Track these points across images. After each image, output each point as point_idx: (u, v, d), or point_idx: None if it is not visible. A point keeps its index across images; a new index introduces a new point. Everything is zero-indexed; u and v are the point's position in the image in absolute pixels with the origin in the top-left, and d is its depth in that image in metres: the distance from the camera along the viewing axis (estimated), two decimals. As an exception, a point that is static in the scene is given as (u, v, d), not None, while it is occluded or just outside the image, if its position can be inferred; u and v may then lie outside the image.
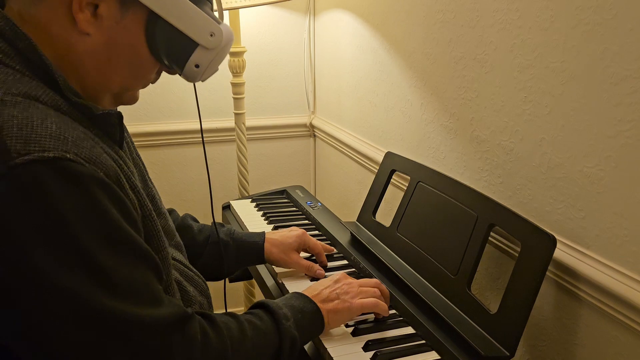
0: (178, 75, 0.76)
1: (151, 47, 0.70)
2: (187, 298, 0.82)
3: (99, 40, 0.67)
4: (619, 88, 0.77)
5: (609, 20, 0.78)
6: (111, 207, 0.59)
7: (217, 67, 0.76)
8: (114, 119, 0.70)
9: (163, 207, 0.89)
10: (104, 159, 0.60)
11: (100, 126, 0.68)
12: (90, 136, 0.63)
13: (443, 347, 0.83)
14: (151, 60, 0.71)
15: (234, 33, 1.67)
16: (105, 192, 0.58)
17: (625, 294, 0.78)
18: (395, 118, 1.44)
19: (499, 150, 1.04)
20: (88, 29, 0.65)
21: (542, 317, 0.95)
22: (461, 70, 1.13)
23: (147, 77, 0.74)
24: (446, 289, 0.94)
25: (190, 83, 0.78)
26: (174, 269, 0.81)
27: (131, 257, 0.61)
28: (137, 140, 1.91)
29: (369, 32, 1.54)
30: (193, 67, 0.73)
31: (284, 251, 1.05)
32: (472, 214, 0.95)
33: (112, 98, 0.74)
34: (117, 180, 0.61)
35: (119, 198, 0.60)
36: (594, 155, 0.83)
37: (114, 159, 0.65)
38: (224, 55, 0.75)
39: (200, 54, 0.72)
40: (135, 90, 0.76)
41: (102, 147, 0.64)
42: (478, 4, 1.05)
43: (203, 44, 0.71)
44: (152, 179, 0.89)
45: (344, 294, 0.87)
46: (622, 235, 0.79)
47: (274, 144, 2.10)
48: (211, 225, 1.07)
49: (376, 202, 1.24)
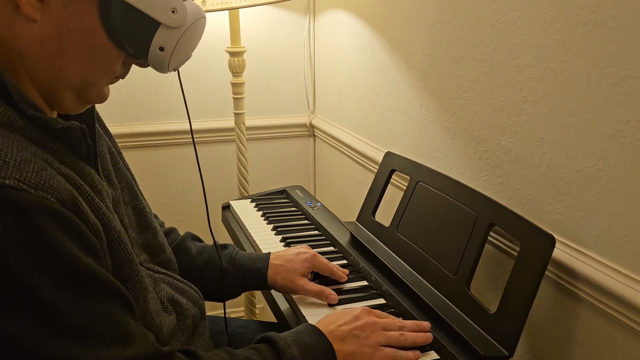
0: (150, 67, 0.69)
1: (108, 31, 0.61)
2: (181, 311, 0.78)
3: (47, 27, 0.58)
4: (619, 88, 0.77)
5: (609, 20, 0.78)
6: (62, 238, 0.52)
7: (188, 52, 0.68)
8: (76, 133, 0.62)
9: (152, 219, 0.84)
10: (56, 182, 0.53)
11: (61, 141, 0.61)
12: (41, 156, 0.56)
13: (442, 347, 0.83)
14: (112, 48, 0.62)
15: (234, 33, 1.68)
16: (55, 221, 0.51)
17: (624, 294, 0.78)
18: (395, 118, 1.45)
19: (499, 150, 1.04)
20: (33, 15, 0.57)
21: (541, 316, 0.95)
22: (461, 70, 1.13)
23: (110, 68, 0.65)
24: (445, 288, 0.94)
25: (191, 83, 0.73)
26: (163, 283, 0.78)
27: (90, 292, 0.54)
28: (137, 141, 1.91)
29: (369, 32, 1.54)
30: (157, 50, 0.64)
31: (288, 277, 0.96)
32: (472, 213, 0.95)
33: (75, 95, 0.65)
34: (74, 204, 0.55)
35: (73, 227, 0.53)
36: (593, 155, 0.83)
37: (73, 181, 0.58)
38: (194, 37, 0.68)
39: (163, 34, 0.63)
40: (101, 86, 0.66)
41: (57, 167, 0.57)
42: (478, 4, 1.05)
43: (165, 22, 0.63)
44: (151, 179, 0.86)
45: (364, 337, 0.78)
46: (622, 235, 0.80)
47: (274, 144, 2.10)
48: (211, 247, 1.01)
49: (376, 202, 1.25)
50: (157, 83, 1.86)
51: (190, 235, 1.05)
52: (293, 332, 0.76)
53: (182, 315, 0.78)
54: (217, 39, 1.87)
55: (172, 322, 0.75)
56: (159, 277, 0.79)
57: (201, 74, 1.90)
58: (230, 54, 1.70)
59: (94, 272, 0.55)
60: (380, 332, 0.79)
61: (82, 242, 0.54)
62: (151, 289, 0.72)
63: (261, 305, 2.05)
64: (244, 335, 1.01)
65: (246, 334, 1.02)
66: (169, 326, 0.73)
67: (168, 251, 0.87)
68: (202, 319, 0.84)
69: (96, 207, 0.60)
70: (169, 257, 0.86)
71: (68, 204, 0.53)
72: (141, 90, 1.87)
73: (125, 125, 1.88)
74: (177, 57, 0.66)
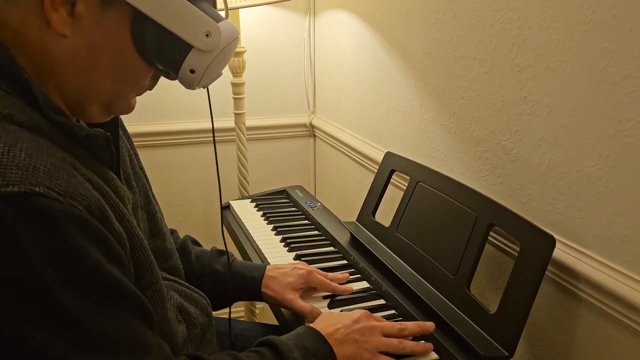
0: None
1: (139, 49, 0.61)
2: (190, 320, 0.78)
3: (78, 43, 0.59)
4: (619, 88, 0.77)
5: (609, 20, 0.78)
6: (90, 248, 0.52)
7: (219, 72, 0.67)
8: (100, 140, 0.62)
9: (164, 225, 0.84)
10: (85, 189, 0.53)
11: (85, 147, 0.61)
12: (69, 162, 0.55)
13: (442, 347, 0.82)
14: (142, 65, 0.63)
15: (234, 33, 1.68)
16: (83, 231, 0.51)
17: (624, 294, 0.78)
18: (395, 118, 1.44)
19: (499, 150, 1.04)
20: (64, 31, 0.57)
21: (541, 316, 0.95)
22: (461, 70, 1.13)
23: (139, 83, 0.66)
24: (445, 289, 0.94)
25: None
26: (173, 291, 0.77)
27: (113, 303, 0.54)
28: (137, 141, 1.91)
29: (369, 32, 1.54)
30: (188, 72, 0.63)
31: (279, 290, 0.94)
32: (472, 214, 0.95)
33: (102, 107, 0.65)
34: (101, 213, 0.54)
35: (100, 236, 0.53)
36: (593, 155, 0.83)
37: (99, 187, 0.58)
38: (227, 58, 0.66)
39: (195, 57, 0.62)
40: (129, 99, 0.67)
41: (84, 173, 0.57)
42: (478, 4, 1.05)
43: (197, 46, 0.62)
44: (151, 179, 0.85)
45: (363, 342, 0.77)
46: (622, 234, 0.79)
47: (274, 144, 2.10)
48: (209, 252, 1.00)
49: (376, 202, 1.24)
50: (159, 84, 1.85)
51: (190, 239, 1.04)
52: (293, 335, 0.76)
53: (191, 324, 0.77)
54: (217, 39, 1.87)
55: (183, 331, 0.75)
56: (168, 284, 0.78)
57: (201, 74, 1.89)
58: (230, 54, 1.70)
59: (119, 282, 0.55)
60: (379, 338, 0.79)
61: (109, 252, 0.54)
62: (167, 297, 0.72)
63: (261, 305, 2.05)
64: (247, 339, 1.01)
65: (250, 337, 1.01)
66: (181, 336, 0.73)
67: (175, 257, 0.86)
68: (210, 326, 0.83)
69: (121, 213, 0.60)
70: (176, 264, 0.85)
71: (96, 212, 0.53)
72: (141, 90, 1.86)
73: (126, 125, 1.87)
74: (207, 78, 0.66)
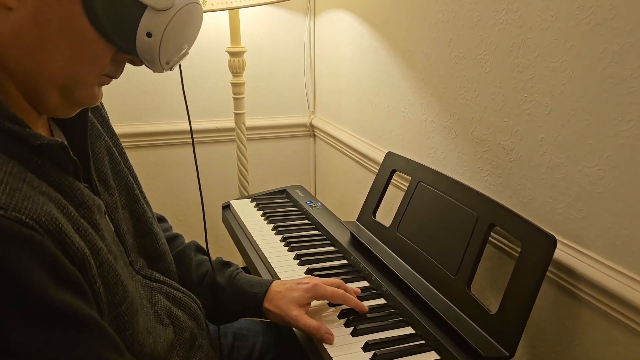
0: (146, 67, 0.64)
1: (92, 19, 0.55)
2: (178, 324, 0.75)
3: (25, 15, 0.53)
4: (619, 88, 0.77)
5: (609, 20, 0.78)
6: (31, 268, 0.47)
7: (180, 42, 0.62)
8: (56, 150, 0.57)
9: (155, 226, 0.81)
10: (31, 203, 0.49)
11: (43, 157, 0.56)
12: (19, 176, 0.51)
13: (443, 347, 0.83)
14: (97, 38, 0.57)
15: (234, 33, 1.68)
16: (24, 249, 0.46)
17: (625, 294, 0.78)
18: (395, 118, 1.44)
19: (499, 150, 1.04)
20: (9, 2, 0.52)
21: (542, 317, 0.95)
22: (461, 70, 1.13)
23: (96, 62, 0.59)
24: (446, 289, 0.94)
25: (191, 83, 0.68)
26: (159, 294, 0.75)
27: (65, 331, 0.49)
28: (137, 141, 1.91)
29: (369, 32, 1.54)
30: (145, 37, 0.58)
31: (283, 307, 0.87)
32: (472, 214, 0.95)
33: (60, 94, 0.59)
34: (55, 226, 0.50)
35: (47, 256, 0.48)
36: (593, 155, 0.83)
37: (55, 200, 0.54)
38: (187, 25, 0.62)
39: (150, 17, 0.57)
40: (88, 83, 0.60)
41: (37, 186, 0.53)
42: (478, 4, 1.05)
43: (150, 4, 0.57)
44: (151, 179, 0.83)
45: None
46: (622, 235, 0.79)
47: (274, 144, 2.10)
48: (213, 262, 0.95)
49: (376, 202, 1.24)
50: (157, 83, 1.86)
51: (194, 245, 0.99)
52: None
53: (179, 328, 0.75)
54: (217, 39, 1.87)
55: (169, 335, 0.72)
56: (155, 286, 0.76)
57: (201, 74, 1.90)
58: (230, 54, 1.70)
59: (69, 307, 0.50)
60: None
61: (57, 274, 0.49)
62: (145, 303, 0.69)
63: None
64: (247, 338, 1.00)
65: (249, 336, 1.01)
66: (165, 340, 0.70)
67: (169, 260, 0.83)
68: (200, 329, 0.81)
69: (83, 228, 0.56)
70: (168, 266, 0.83)
71: (46, 226, 0.49)
72: (141, 90, 1.87)
73: (125, 125, 1.88)
74: (167, 46, 0.60)
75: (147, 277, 0.76)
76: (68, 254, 0.51)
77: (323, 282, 0.91)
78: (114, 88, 1.82)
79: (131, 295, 0.63)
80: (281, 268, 1.08)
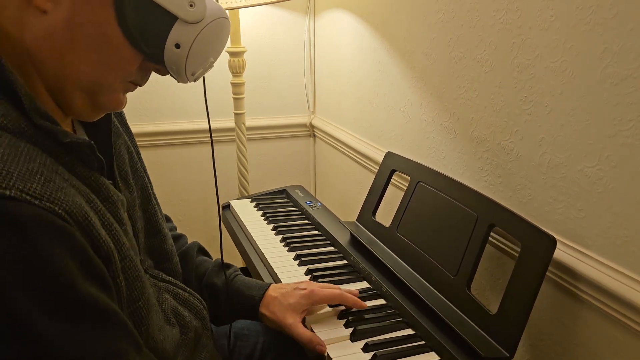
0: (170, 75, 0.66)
1: (122, 25, 0.57)
2: (184, 324, 0.76)
3: (58, 19, 0.55)
4: (619, 88, 0.77)
5: (609, 20, 0.77)
6: (63, 257, 0.47)
7: (207, 54, 0.64)
8: (83, 148, 0.58)
9: (164, 226, 0.82)
10: (64, 194, 0.50)
11: (71, 153, 0.58)
12: (51, 167, 0.53)
13: (443, 348, 0.82)
14: (125, 45, 0.58)
15: (234, 33, 1.68)
16: (57, 238, 0.47)
17: (625, 294, 0.78)
18: (395, 118, 1.44)
19: (499, 150, 1.04)
20: (45, 6, 0.54)
21: (542, 317, 0.95)
22: (461, 70, 1.13)
23: (123, 68, 0.61)
24: (446, 289, 0.94)
25: (191, 83, 0.70)
26: (167, 293, 0.76)
27: (90, 324, 0.50)
28: (138, 141, 1.91)
29: (369, 32, 1.54)
30: (173, 48, 0.60)
31: (279, 313, 0.87)
32: (472, 214, 0.95)
33: (86, 98, 0.61)
34: (84, 218, 0.51)
35: (77, 247, 0.49)
36: (594, 155, 0.83)
37: (84, 194, 0.55)
38: (214, 39, 0.63)
39: (179, 29, 0.59)
40: (114, 89, 0.62)
41: (67, 179, 0.54)
42: (478, 4, 1.05)
43: (181, 16, 0.59)
44: (152, 180, 0.85)
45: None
46: (622, 235, 0.79)
47: (274, 144, 2.10)
48: (212, 263, 0.96)
49: (376, 202, 1.24)
50: (157, 83, 1.86)
51: (197, 246, 0.99)
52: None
53: (184, 328, 0.75)
54: (217, 39, 1.87)
55: (176, 335, 0.73)
56: (162, 285, 0.77)
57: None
58: (230, 54, 1.70)
59: (95, 300, 0.50)
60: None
61: (86, 266, 0.50)
62: (154, 302, 0.69)
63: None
64: (248, 338, 1.00)
65: (250, 336, 1.01)
66: (172, 340, 0.71)
67: (175, 260, 0.84)
68: (205, 329, 0.81)
69: (108, 222, 0.57)
70: (175, 267, 0.83)
71: (76, 218, 0.50)
72: (143, 90, 1.85)
73: (131, 129, 1.88)
74: (194, 58, 0.61)
75: (154, 276, 0.76)
76: (95, 246, 0.52)
77: (320, 286, 0.91)
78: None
79: (148, 291, 0.64)
80: (281, 268, 1.08)
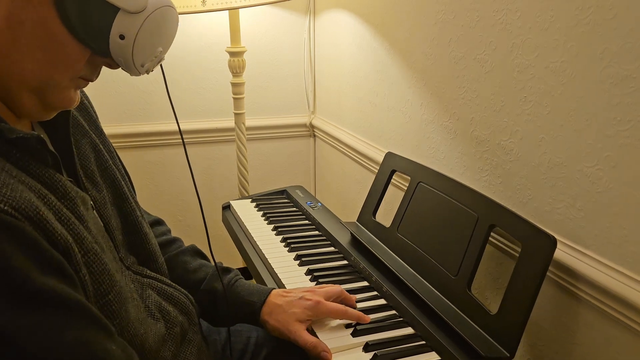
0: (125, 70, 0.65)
1: (65, 21, 0.55)
2: (169, 319, 0.75)
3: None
4: (619, 88, 0.77)
5: (609, 20, 0.78)
6: (14, 253, 0.47)
7: (154, 45, 0.62)
8: (32, 143, 0.57)
9: (145, 226, 0.81)
10: (11, 189, 0.49)
11: (21, 150, 0.56)
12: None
13: (443, 348, 0.83)
14: (70, 41, 0.57)
15: (234, 33, 1.68)
16: (4, 235, 0.47)
17: (624, 294, 0.78)
18: (395, 118, 1.44)
19: (499, 150, 1.04)
20: None
21: (542, 316, 0.95)
22: (461, 70, 1.13)
23: (70, 65, 0.59)
24: (446, 289, 0.94)
25: (191, 83, 0.69)
26: (150, 289, 0.75)
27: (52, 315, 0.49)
28: (137, 141, 1.91)
29: (369, 32, 1.54)
30: (118, 39, 0.58)
31: (283, 321, 0.87)
32: (473, 214, 0.95)
33: (34, 96, 0.59)
34: (35, 213, 0.50)
35: (28, 241, 0.49)
36: (593, 155, 0.83)
37: (35, 189, 0.54)
38: (160, 28, 0.62)
39: (123, 19, 0.58)
40: (63, 86, 0.60)
41: (16, 175, 0.53)
42: (478, 4, 1.05)
43: (123, 7, 0.57)
44: (151, 179, 0.83)
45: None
46: (622, 235, 0.79)
47: (274, 144, 2.10)
48: (212, 267, 0.94)
49: (376, 203, 1.24)
50: (157, 83, 1.86)
51: (193, 249, 0.98)
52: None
53: (170, 323, 0.75)
54: (217, 39, 1.87)
55: (161, 329, 0.72)
56: (146, 282, 0.76)
57: (201, 74, 1.90)
58: (230, 54, 1.70)
59: (54, 291, 0.50)
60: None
61: (40, 259, 0.49)
62: (135, 296, 0.69)
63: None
64: (241, 333, 1.00)
65: (243, 331, 1.01)
66: (156, 334, 0.71)
67: (160, 261, 0.83)
68: (192, 324, 0.81)
69: (65, 217, 0.56)
70: (160, 267, 0.82)
71: (26, 212, 0.49)
72: (141, 90, 1.87)
73: (124, 125, 1.88)
74: (141, 49, 0.60)
75: (137, 273, 0.76)
76: (51, 240, 0.52)
77: (324, 293, 0.91)
78: (113, 88, 1.82)
79: (118, 285, 0.63)
80: (281, 269, 1.09)
